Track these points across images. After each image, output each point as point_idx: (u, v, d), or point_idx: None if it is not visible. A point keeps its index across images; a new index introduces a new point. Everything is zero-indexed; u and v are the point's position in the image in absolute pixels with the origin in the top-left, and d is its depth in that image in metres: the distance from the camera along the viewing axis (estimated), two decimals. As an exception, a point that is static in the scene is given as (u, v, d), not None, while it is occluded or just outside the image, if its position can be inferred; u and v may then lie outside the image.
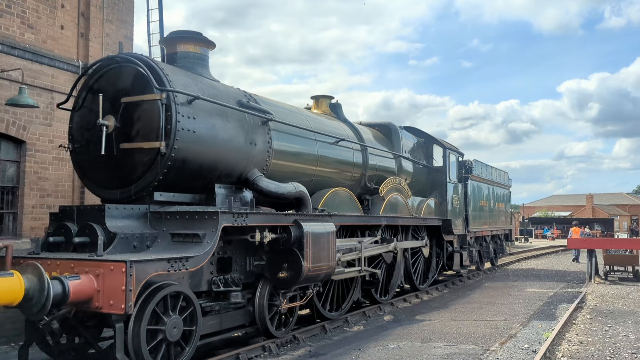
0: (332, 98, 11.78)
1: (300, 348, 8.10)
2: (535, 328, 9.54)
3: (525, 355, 7.58)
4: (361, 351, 7.90)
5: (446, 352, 7.81)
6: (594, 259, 17.16)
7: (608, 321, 10.26)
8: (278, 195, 8.06)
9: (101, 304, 5.28)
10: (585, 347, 8.23)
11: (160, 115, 6.60)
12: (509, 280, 17.29)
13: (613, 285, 15.81)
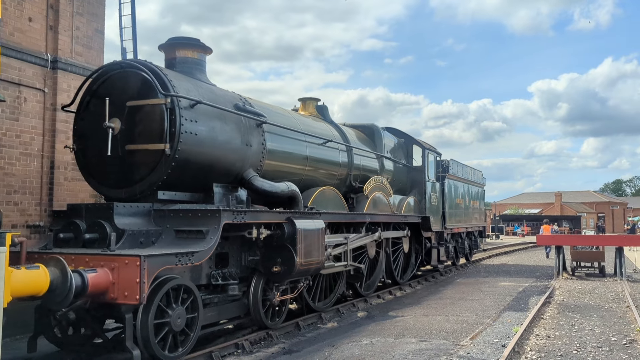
0: (318, 100, 12.26)
1: (273, 345, 8.12)
2: (505, 323, 9.73)
3: (494, 349, 7.75)
4: (334, 347, 7.93)
5: (418, 348, 7.90)
6: (561, 255, 17.64)
7: (575, 316, 10.53)
8: (272, 194, 8.53)
9: (116, 295, 5.67)
10: (552, 341, 8.44)
11: (164, 118, 7.00)
12: (480, 277, 17.62)
13: (580, 281, 16.26)
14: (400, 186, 14.60)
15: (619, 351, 7.75)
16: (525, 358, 7.36)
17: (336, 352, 7.68)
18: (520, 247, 34.82)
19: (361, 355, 7.45)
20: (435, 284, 15.55)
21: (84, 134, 7.52)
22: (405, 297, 13.11)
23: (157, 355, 6.30)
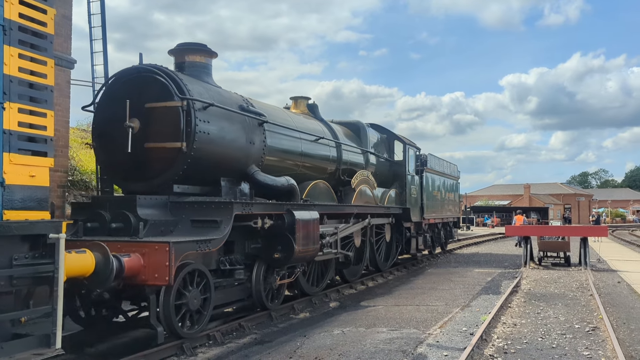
0: (309, 99, 13.06)
1: (245, 336, 8.17)
2: (474, 312, 9.91)
3: (463, 337, 7.92)
4: (306, 337, 8.00)
5: (388, 337, 8.01)
6: (529, 246, 17.94)
7: (540, 304, 10.76)
8: (273, 188, 9.33)
9: (147, 278, 6.42)
10: (519, 328, 8.64)
11: (181, 119, 7.73)
12: (451, 267, 17.96)
13: (546, 270, 16.55)
14: (383, 179, 15.49)
15: (582, 338, 8.04)
16: (492, 345, 7.55)
17: (308, 342, 7.74)
18: (490, 237, 35.37)
19: (332, 345, 7.54)
20: (407, 274, 15.82)
21: (104, 132, 8.18)
22: (377, 287, 13.32)
23: (177, 331, 7.08)
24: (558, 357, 7.03)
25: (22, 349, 4.94)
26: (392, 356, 6.97)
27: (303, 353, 7.15)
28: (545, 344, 7.69)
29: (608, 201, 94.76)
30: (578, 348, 7.44)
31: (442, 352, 7.15)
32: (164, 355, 6.82)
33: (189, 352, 7.09)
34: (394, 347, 7.38)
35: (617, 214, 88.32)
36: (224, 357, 7.11)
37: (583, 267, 16.84)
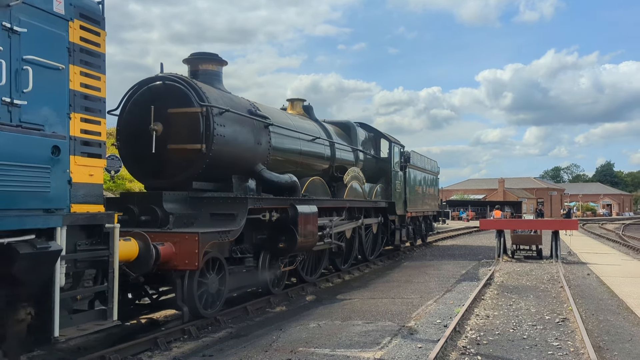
0: (304, 101, 14.03)
1: (221, 330, 8.20)
2: (448, 304, 10.07)
3: (437, 329, 8.06)
4: (282, 331, 8.05)
5: (364, 330, 8.10)
6: (502, 239, 18.22)
7: (512, 296, 10.95)
8: (277, 184, 10.31)
9: (178, 263, 7.36)
10: (491, 320, 8.80)
11: (200, 123, 8.66)
12: (426, 260, 18.15)
13: (519, 263, 16.88)
14: (371, 174, 16.54)
15: (552, 329, 8.23)
16: (465, 337, 7.68)
17: (283, 335, 7.80)
18: (465, 231, 35.93)
19: (308, 338, 7.59)
20: (383, 268, 15.93)
21: (129, 134, 9.05)
22: (353, 280, 13.44)
23: (199, 311, 8.04)
24: (529, 348, 7.20)
25: (86, 320, 5.85)
26: (367, 348, 7.05)
27: (279, 346, 7.18)
28: (517, 335, 7.87)
29: (579, 195, 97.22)
30: (548, 339, 7.64)
31: (416, 344, 7.27)
32: (137, 350, 6.81)
33: (163, 346, 7.06)
34: (368, 340, 7.49)
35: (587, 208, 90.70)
36: (199, 351, 7.09)
37: (554, 259, 17.19)
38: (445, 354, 6.75)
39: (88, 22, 6.08)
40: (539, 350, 7.06)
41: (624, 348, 7.24)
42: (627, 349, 7.21)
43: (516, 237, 18.89)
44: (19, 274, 4.82)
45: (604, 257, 19.07)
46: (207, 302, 8.25)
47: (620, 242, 27.20)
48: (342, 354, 6.81)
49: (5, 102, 5.02)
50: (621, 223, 55.98)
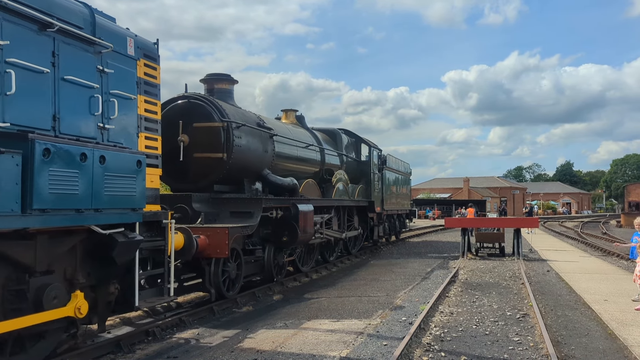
0: (297, 111, 15.72)
1: (186, 330, 8.21)
2: (413, 302, 10.21)
3: (402, 327, 8.16)
4: (249, 331, 8.04)
5: (330, 328, 8.12)
6: (467, 237, 18.57)
7: (476, 293, 11.11)
8: (281, 186, 11.99)
9: (210, 252, 8.98)
10: (455, 317, 8.93)
11: (222, 136, 10.29)
12: (393, 258, 18.28)
13: (482, 261, 17.06)
14: (353, 176, 18.30)
15: (513, 325, 8.41)
16: (429, 334, 7.79)
17: (250, 335, 7.84)
18: (431, 229, 36.30)
19: (274, 338, 7.64)
20: (350, 266, 16.11)
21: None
22: (320, 279, 13.50)
23: (223, 293, 9.66)
24: (490, 344, 7.32)
25: (151, 295, 7.44)
26: (333, 347, 7.10)
27: (244, 347, 7.19)
28: (479, 331, 8.01)
29: (540, 194, 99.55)
30: (509, 334, 7.80)
31: (381, 341, 7.36)
32: (100, 353, 6.76)
33: (126, 348, 7.03)
34: (334, 338, 7.54)
35: (548, 206, 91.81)
36: (163, 352, 7.05)
37: (516, 257, 17.56)
38: (409, 351, 6.86)
39: (149, 60, 7.67)
40: (500, 346, 7.22)
41: (580, 342, 7.45)
42: (584, 343, 7.44)
43: (480, 235, 19.23)
44: (116, 257, 6.40)
45: (563, 254, 19.39)
46: (228, 286, 9.89)
47: (579, 239, 27.99)
48: (309, 353, 6.82)
49: (100, 127, 6.59)
50: (580, 221, 57.53)
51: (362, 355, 6.76)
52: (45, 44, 5.89)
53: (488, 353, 6.92)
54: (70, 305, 5.99)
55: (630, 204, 48.72)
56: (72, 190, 5.55)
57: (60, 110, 6.00)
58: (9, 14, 5.42)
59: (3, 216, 4.84)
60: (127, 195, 6.46)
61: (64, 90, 6.06)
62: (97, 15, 6.72)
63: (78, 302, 6.07)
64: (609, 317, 8.64)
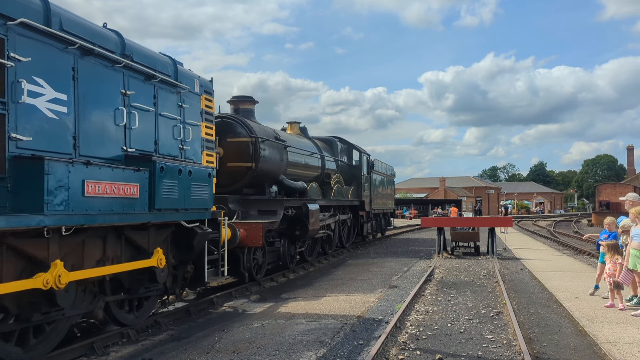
0: (300, 123, 18.12)
1: (162, 332, 8.13)
2: (390, 301, 10.32)
3: (379, 326, 8.29)
4: (225, 332, 8.02)
5: (307, 328, 8.14)
6: (442, 236, 18.85)
7: (451, 292, 11.26)
8: (294, 189, 14.38)
9: (248, 242, 11.32)
10: (430, 315, 9.03)
11: (250, 149, 12.65)
12: (370, 258, 18.43)
13: (458, 260, 17.33)
14: (346, 178, 20.75)
15: (487, 322, 8.53)
16: (405, 333, 7.86)
17: (226, 336, 7.78)
18: (407, 229, 36.67)
19: (251, 338, 7.59)
20: (327, 266, 16.20)
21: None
22: (298, 279, 13.68)
23: (253, 275, 12.02)
24: (465, 342, 7.40)
25: (211, 275, 9.76)
26: (310, 347, 7.11)
27: (221, 347, 7.17)
28: (454, 329, 8.10)
29: (514, 194, 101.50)
30: (483, 332, 7.90)
31: (358, 341, 7.46)
32: (73, 356, 6.65)
33: (100, 351, 6.95)
34: (311, 338, 7.55)
35: (522, 206, 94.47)
36: (138, 355, 6.99)
37: (490, 255, 17.87)
38: (385, 350, 6.93)
39: (207, 94, 10.02)
40: (474, 343, 7.31)
41: (552, 339, 7.58)
42: (556, 339, 7.56)
43: (455, 234, 19.51)
44: (195, 245, 8.74)
45: (536, 253, 19.77)
46: (257, 271, 12.26)
47: (552, 238, 28.65)
48: (285, 353, 6.86)
49: (180, 148, 8.91)
50: (552, 220, 58.82)
51: (339, 354, 6.83)
52: (150, 90, 8.21)
53: (462, 351, 6.99)
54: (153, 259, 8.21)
55: (601, 204, 50.26)
56: (173, 195, 7.89)
57: (159, 137, 8.32)
58: (133, 72, 7.75)
59: (140, 214, 7.18)
60: (203, 199, 8.81)
61: (160, 122, 8.39)
62: (177, 65, 9.05)
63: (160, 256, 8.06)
64: (579, 315, 8.78)
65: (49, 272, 5.93)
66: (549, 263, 16.43)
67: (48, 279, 5.89)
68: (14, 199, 5.56)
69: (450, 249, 19.32)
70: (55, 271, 5.98)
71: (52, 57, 6.27)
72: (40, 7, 6.18)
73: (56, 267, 6.02)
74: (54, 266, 6.00)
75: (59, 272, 6.02)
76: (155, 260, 7.91)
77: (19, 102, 5.71)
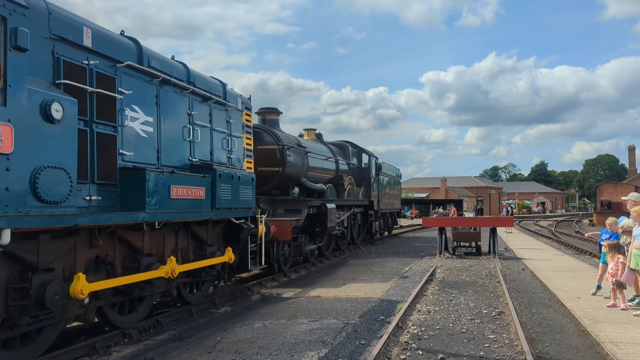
0: (316, 130, 19.82)
1: (163, 332, 8.14)
2: (391, 301, 10.29)
3: (380, 325, 8.24)
4: (227, 332, 8.01)
5: (309, 328, 8.12)
6: (444, 236, 18.83)
7: (453, 292, 11.22)
8: (314, 190, 16.09)
9: (279, 237, 13.01)
10: (432, 315, 8.99)
11: (278, 155, 14.36)
12: (371, 257, 18.51)
13: (459, 259, 17.30)
14: (356, 180, 22.41)
15: (489, 322, 8.48)
16: (407, 332, 7.85)
17: (228, 336, 7.76)
18: (409, 229, 36.79)
19: (253, 338, 7.56)
20: (328, 266, 16.36)
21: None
22: (299, 279, 13.81)
23: (281, 266, 13.71)
24: (467, 341, 7.36)
25: (252, 263, 11.44)
26: (312, 347, 7.09)
27: (223, 347, 7.16)
28: (456, 329, 8.08)
29: (516, 193, 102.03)
30: (485, 332, 7.88)
31: (359, 340, 7.45)
32: (75, 356, 6.69)
33: (102, 351, 6.97)
34: (313, 338, 7.53)
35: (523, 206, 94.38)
36: (140, 354, 7.00)
37: (492, 255, 17.84)
38: (387, 349, 6.93)
39: (247, 110, 11.73)
40: (476, 343, 7.28)
41: (554, 339, 7.55)
42: (558, 339, 7.53)
43: (457, 234, 19.45)
44: (242, 238, 10.46)
45: (537, 253, 19.75)
46: (284, 262, 13.97)
47: (553, 238, 28.81)
48: (287, 353, 6.84)
49: (227, 157, 10.61)
50: (554, 220, 58.98)
51: (341, 354, 6.82)
52: (207, 109, 9.93)
53: (464, 351, 6.96)
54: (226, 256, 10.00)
55: (602, 203, 50.45)
56: (228, 196, 9.60)
57: (213, 148, 10.03)
58: (195, 95, 9.46)
59: (205, 212, 8.88)
60: (248, 199, 10.52)
61: (214, 136, 10.10)
62: (225, 86, 10.75)
63: (230, 255, 10.06)
64: (581, 314, 8.77)
65: (167, 265, 7.80)
66: (550, 263, 16.42)
67: (167, 270, 7.78)
68: (122, 201, 7.27)
69: (452, 249, 19.39)
70: (171, 265, 7.86)
71: (143, 88, 8.00)
72: (136, 50, 7.91)
73: (171, 262, 7.82)
74: (170, 261, 7.83)
75: (173, 267, 7.95)
76: (227, 257, 9.76)
77: (124, 126, 7.44)
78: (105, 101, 7.03)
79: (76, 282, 6.33)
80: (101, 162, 6.89)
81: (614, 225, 10.24)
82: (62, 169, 5.82)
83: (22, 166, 5.32)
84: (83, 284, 6.36)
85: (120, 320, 7.71)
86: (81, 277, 6.40)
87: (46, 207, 5.62)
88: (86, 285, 6.41)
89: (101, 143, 6.92)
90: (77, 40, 6.65)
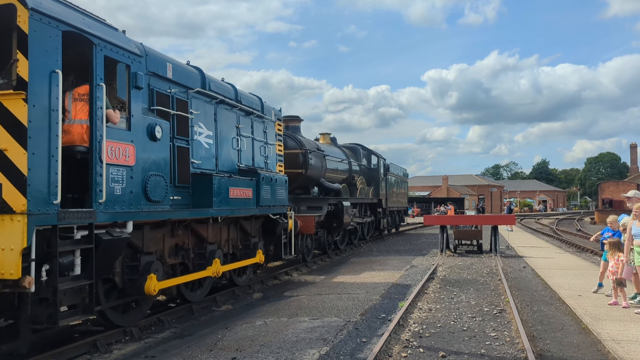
0: (330, 134, 21.67)
1: (165, 330, 8.16)
2: (392, 299, 10.30)
3: (381, 324, 8.25)
4: (228, 330, 8.01)
5: (310, 326, 8.10)
6: (445, 234, 18.89)
7: (454, 289, 11.22)
8: (331, 190, 17.93)
9: (304, 231, 14.82)
10: (433, 313, 8.96)
11: (300, 158, 16.20)
12: (372, 255, 18.74)
13: (460, 257, 17.40)
14: (366, 179, 24.22)
15: (490, 320, 8.46)
16: (408, 330, 7.83)
17: (229, 334, 7.76)
18: (410, 227, 37.13)
19: (254, 336, 7.55)
20: (330, 264, 16.55)
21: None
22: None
23: (305, 257, 15.55)
24: (468, 339, 7.34)
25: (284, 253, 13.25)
26: (313, 345, 7.06)
27: (224, 345, 7.16)
28: (457, 327, 8.06)
29: (517, 192, 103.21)
30: (486, 330, 7.87)
31: (361, 339, 7.43)
32: (76, 354, 6.70)
33: (103, 349, 6.97)
34: (314, 336, 7.51)
35: (525, 204, 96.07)
36: (141, 352, 7.02)
37: (493, 253, 18.01)
38: (389, 347, 6.92)
39: (279, 121, 13.56)
40: (477, 341, 7.26)
41: (555, 337, 7.54)
42: (559, 337, 7.53)
43: (458, 232, 19.70)
44: (277, 231, 12.29)
45: (539, 251, 19.94)
46: (307, 253, 15.80)
47: (554, 236, 29.32)
48: (289, 351, 6.82)
49: (265, 162, 12.42)
50: (555, 218, 59.37)
51: (342, 352, 6.81)
52: (249, 122, 11.74)
53: (466, 348, 6.95)
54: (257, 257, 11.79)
55: (604, 202, 50.61)
56: (268, 195, 11.42)
57: (254, 155, 11.85)
58: (241, 111, 11.28)
59: (252, 209, 10.72)
60: (283, 198, 12.34)
61: (255, 144, 11.91)
62: (262, 101, 12.56)
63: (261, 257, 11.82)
64: (582, 312, 8.77)
65: (213, 266, 9.48)
66: (551, 261, 16.51)
67: (214, 270, 9.48)
68: (193, 200, 9.10)
69: (453, 247, 19.54)
70: (216, 266, 9.58)
71: (206, 108, 9.83)
72: (200, 77, 9.74)
73: (216, 263, 9.56)
74: (215, 262, 9.55)
75: (218, 268, 9.65)
76: (258, 258, 11.52)
77: (193, 140, 9.27)
78: (181, 121, 8.87)
79: (150, 281, 7.52)
80: (180, 170, 8.72)
81: (615, 223, 10.32)
82: (161, 176, 7.67)
83: (139, 175, 7.17)
84: (155, 283, 7.60)
85: (191, 296, 9.57)
86: (153, 278, 7.56)
87: (152, 205, 7.47)
88: (157, 284, 7.65)
89: (180, 154, 8.75)
90: (163, 74, 8.49)
